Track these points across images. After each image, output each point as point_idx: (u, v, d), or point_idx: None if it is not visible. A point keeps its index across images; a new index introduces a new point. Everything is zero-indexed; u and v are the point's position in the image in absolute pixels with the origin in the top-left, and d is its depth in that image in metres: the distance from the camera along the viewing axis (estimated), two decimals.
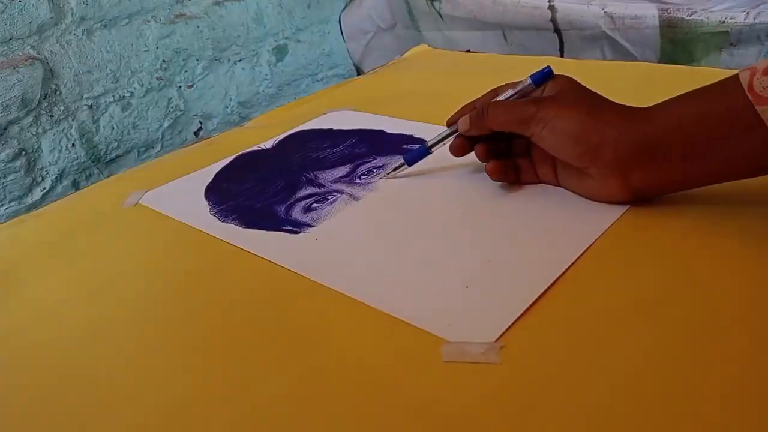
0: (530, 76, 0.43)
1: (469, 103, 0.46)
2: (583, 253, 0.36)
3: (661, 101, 0.37)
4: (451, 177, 0.49)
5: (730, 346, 0.29)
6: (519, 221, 0.41)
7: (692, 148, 0.35)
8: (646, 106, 0.38)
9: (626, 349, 0.29)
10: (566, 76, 0.42)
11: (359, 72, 1.33)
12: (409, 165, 0.49)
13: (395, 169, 0.49)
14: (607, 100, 0.40)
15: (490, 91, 0.46)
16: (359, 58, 1.33)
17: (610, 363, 0.29)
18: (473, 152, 0.45)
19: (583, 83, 0.42)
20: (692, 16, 0.81)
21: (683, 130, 0.36)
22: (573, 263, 0.35)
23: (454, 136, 0.46)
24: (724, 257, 0.35)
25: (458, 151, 0.46)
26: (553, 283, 0.34)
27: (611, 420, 0.26)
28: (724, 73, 0.36)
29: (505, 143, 0.45)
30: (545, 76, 0.43)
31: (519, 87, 0.44)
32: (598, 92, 0.41)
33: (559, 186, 0.43)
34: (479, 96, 0.46)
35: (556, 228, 0.39)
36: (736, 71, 0.35)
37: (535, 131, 0.40)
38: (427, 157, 0.49)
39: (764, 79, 0.32)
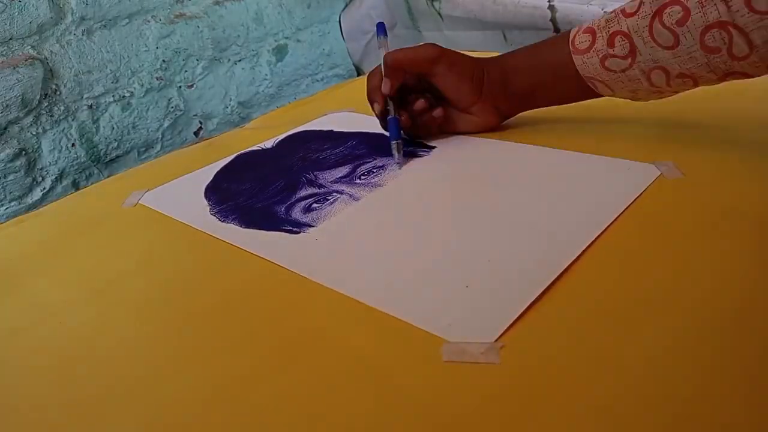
0: (376, 32, 0.57)
1: (371, 96, 0.54)
2: (582, 252, 0.36)
3: (517, 50, 0.51)
4: (450, 178, 0.49)
5: (731, 346, 0.29)
6: (518, 221, 0.41)
7: (536, 87, 0.50)
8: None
9: (626, 349, 0.29)
10: (431, 43, 0.52)
11: (359, 72, 1.33)
12: (400, 139, 0.51)
13: (398, 153, 0.51)
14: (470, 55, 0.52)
15: (371, 76, 0.54)
16: (359, 58, 1.33)
17: (610, 363, 0.29)
18: (471, 152, 0.47)
19: None
20: None
21: (530, 75, 0.50)
22: (572, 263, 0.35)
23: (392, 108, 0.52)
24: (724, 255, 0.35)
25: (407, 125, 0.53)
26: (552, 284, 0.34)
27: (612, 420, 0.26)
28: None
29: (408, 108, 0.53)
30: (382, 27, 0.57)
31: (381, 47, 0.55)
32: None
33: (445, 132, 0.54)
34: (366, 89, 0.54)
35: (556, 227, 0.39)
36: None
37: (441, 70, 0.50)
38: (426, 158, 0.49)
39: (583, 36, 0.46)
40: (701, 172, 0.43)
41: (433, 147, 0.53)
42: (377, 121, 0.61)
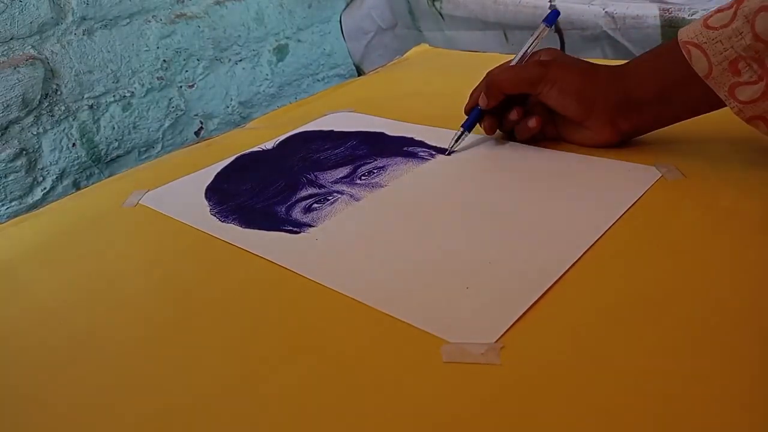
0: (543, 21, 0.51)
1: (476, 88, 0.52)
2: (583, 253, 0.36)
3: (637, 57, 0.46)
4: (450, 178, 0.49)
5: (731, 346, 0.29)
6: (520, 222, 0.41)
7: (661, 97, 0.43)
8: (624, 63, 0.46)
9: (627, 350, 0.29)
10: (553, 48, 0.50)
11: (360, 72, 1.33)
12: (469, 131, 0.52)
13: (457, 140, 0.52)
14: (592, 63, 0.48)
15: (496, 66, 0.51)
16: (360, 57, 1.33)
17: (611, 364, 0.29)
18: (472, 154, 0.46)
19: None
20: (693, 16, 0.81)
21: (653, 83, 0.43)
22: (573, 264, 0.35)
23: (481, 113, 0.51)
24: (725, 257, 0.35)
25: (491, 130, 0.52)
26: (553, 284, 0.34)
27: (612, 421, 0.26)
28: None
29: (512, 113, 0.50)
30: (555, 15, 0.52)
31: (536, 33, 0.51)
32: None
33: (561, 139, 0.50)
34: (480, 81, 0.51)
35: (557, 229, 0.39)
36: None
37: (543, 90, 0.47)
38: (427, 159, 0.49)
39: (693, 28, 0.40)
40: (702, 173, 0.43)
41: (434, 147, 0.53)
42: (378, 121, 0.61)
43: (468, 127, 0.52)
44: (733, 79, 0.38)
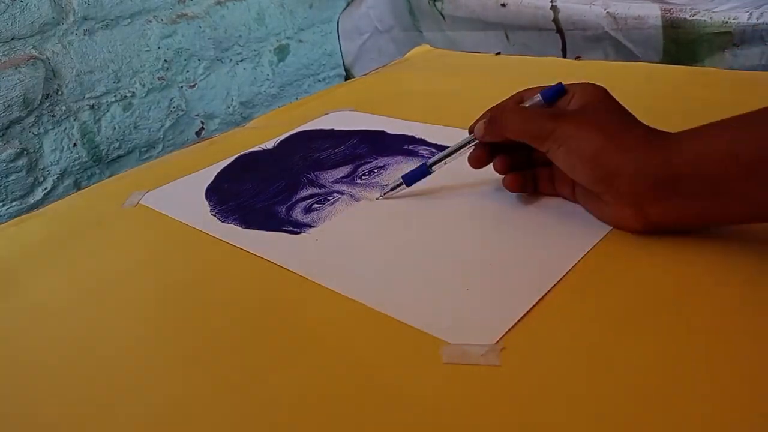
0: (541, 93, 0.40)
1: (490, 108, 0.42)
2: (584, 256, 0.36)
3: (692, 128, 0.33)
4: (452, 179, 0.49)
5: (731, 347, 0.28)
6: (520, 224, 0.41)
7: (723, 185, 0.31)
8: (675, 131, 0.34)
9: (627, 352, 0.29)
10: (594, 85, 0.39)
11: (348, 75, 1.32)
12: (408, 185, 0.46)
13: (393, 189, 0.46)
14: (634, 119, 0.36)
15: (516, 94, 0.42)
16: (352, 59, 1.32)
17: (611, 365, 0.28)
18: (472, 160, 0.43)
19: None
20: (695, 17, 0.81)
21: (714, 164, 0.31)
22: (574, 266, 0.35)
23: (456, 153, 0.44)
24: (724, 259, 0.34)
25: (477, 162, 0.43)
26: (553, 286, 0.34)
27: (612, 422, 0.26)
28: (727, 74, 0.36)
29: (524, 152, 0.42)
30: (557, 93, 0.40)
31: (535, 100, 0.41)
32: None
33: (576, 203, 0.40)
34: (503, 99, 0.42)
35: (558, 231, 0.39)
36: (739, 71, 0.35)
37: (550, 148, 0.37)
38: (430, 156, 0.49)
39: None
40: None
41: (435, 145, 0.53)
42: (378, 120, 0.61)
43: (408, 181, 0.46)
44: None
